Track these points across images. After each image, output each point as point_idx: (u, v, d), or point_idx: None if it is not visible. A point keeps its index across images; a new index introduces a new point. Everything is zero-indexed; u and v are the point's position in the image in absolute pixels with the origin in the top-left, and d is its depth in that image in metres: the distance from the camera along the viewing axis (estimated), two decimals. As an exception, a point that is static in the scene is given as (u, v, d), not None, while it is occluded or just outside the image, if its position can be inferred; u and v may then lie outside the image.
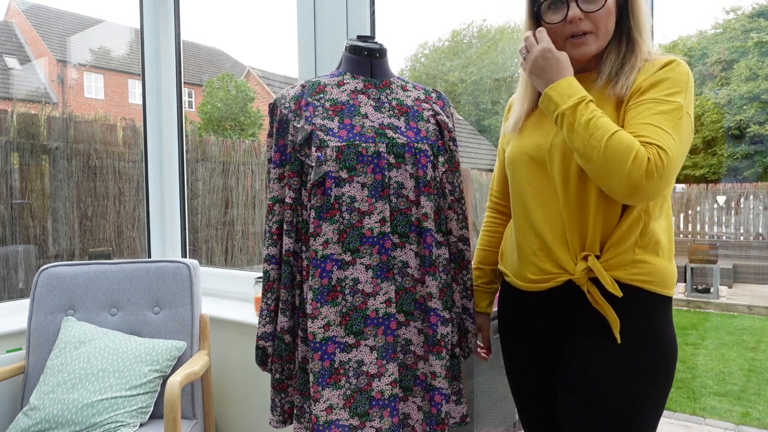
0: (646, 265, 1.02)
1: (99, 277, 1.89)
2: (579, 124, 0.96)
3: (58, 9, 11.29)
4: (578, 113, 0.97)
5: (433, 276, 1.19)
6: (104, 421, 1.59)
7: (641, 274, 1.02)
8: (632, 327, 1.02)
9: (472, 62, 9.26)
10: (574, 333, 1.08)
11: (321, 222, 1.14)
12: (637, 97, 1.00)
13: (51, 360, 1.72)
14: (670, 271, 1.05)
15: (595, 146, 0.94)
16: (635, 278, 1.02)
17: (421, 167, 1.19)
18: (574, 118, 0.97)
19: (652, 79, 0.99)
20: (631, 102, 1.01)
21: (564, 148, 1.04)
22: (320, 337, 1.14)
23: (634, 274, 1.02)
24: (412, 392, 1.22)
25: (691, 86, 1.00)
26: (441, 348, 1.19)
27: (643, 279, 1.02)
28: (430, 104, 1.29)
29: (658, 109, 0.96)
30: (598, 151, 0.94)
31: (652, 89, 0.99)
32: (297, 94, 1.22)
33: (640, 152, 0.91)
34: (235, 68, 12.67)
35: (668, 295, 1.05)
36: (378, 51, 1.27)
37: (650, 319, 1.03)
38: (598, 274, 1.01)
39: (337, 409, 1.14)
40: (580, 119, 0.96)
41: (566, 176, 1.05)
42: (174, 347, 1.78)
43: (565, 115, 0.98)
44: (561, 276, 1.07)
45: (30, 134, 2.73)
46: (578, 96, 0.98)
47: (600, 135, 0.94)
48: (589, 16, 1.03)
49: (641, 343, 1.02)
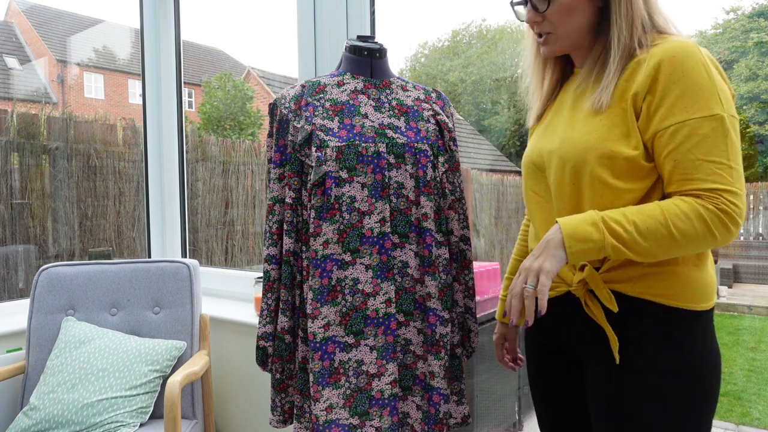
0: (662, 275, 0.91)
1: (99, 277, 1.89)
2: (629, 247, 0.85)
3: (58, 9, 11.30)
4: (618, 238, 0.85)
5: (432, 276, 1.19)
6: (104, 421, 1.59)
7: (653, 287, 0.91)
8: (650, 347, 0.91)
9: (472, 62, 9.27)
10: (587, 350, 1.00)
11: (321, 222, 1.14)
12: (659, 121, 0.87)
13: (51, 360, 1.72)
14: (698, 281, 0.92)
15: (669, 246, 0.84)
16: (645, 291, 0.92)
17: (421, 167, 1.19)
18: (621, 246, 0.85)
19: (661, 91, 0.87)
20: (653, 127, 0.88)
21: (560, 154, 0.97)
22: (320, 337, 1.14)
23: (644, 287, 0.92)
24: (411, 391, 1.22)
25: (710, 72, 0.86)
26: (440, 348, 1.19)
27: (656, 292, 0.91)
28: (430, 104, 1.29)
29: (699, 134, 0.84)
30: (675, 245, 0.84)
31: (670, 107, 0.86)
32: (297, 94, 1.22)
33: (709, 216, 0.82)
34: (235, 68, 12.67)
35: (696, 309, 0.91)
36: (378, 51, 1.27)
37: (672, 337, 0.91)
38: (594, 286, 0.93)
39: (337, 409, 1.14)
40: (625, 241, 0.85)
41: (560, 183, 0.98)
42: (174, 347, 1.78)
43: (615, 249, 0.86)
44: (560, 286, 1.02)
45: (30, 134, 2.73)
46: (595, 236, 0.86)
47: (660, 233, 0.84)
48: (545, 16, 0.98)
49: (662, 364, 0.90)
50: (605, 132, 0.91)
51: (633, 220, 0.85)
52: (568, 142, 0.96)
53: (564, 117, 1.02)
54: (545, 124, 1.08)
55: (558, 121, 1.04)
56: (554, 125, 1.04)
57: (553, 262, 0.87)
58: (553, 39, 1.00)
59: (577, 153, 0.94)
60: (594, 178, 0.92)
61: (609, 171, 0.90)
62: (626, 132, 0.90)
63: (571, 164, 0.95)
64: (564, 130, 0.99)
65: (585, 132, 0.94)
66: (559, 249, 0.88)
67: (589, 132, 0.93)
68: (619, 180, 0.91)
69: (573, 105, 1.01)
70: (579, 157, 0.93)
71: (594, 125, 0.93)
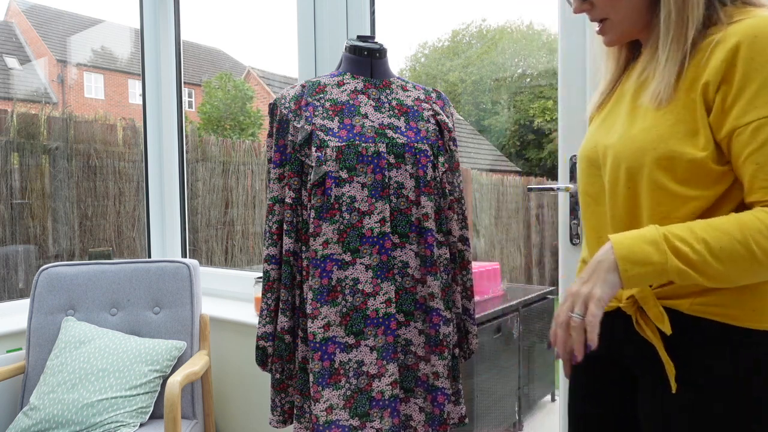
0: (729, 291, 0.77)
1: (99, 277, 1.89)
2: (699, 270, 0.72)
3: (58, 9, 11.30)
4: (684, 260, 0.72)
5: (434, 276, 1.19)
6: (104, 421, 1.59)
7: (716, 304, 0.77)
8: (712, 371, 0.78)
9: (472, 62, 9.26)
10: (642, 369, 0.87)
11: (321, 222, 1.14)
12: (737, 117, 0.73)
13: (51, 360, 1.72)
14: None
15: (749, 269, 0.71)
16: (707, 310, 0.78)
17: (421, 167, 1.19)
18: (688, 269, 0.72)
19: (739, 80, 0.73)
20: (730, 123, 0.74)
21: (615, 152, 0.84)
22: (320, 337, 1.14)
23: (703, 304, 0.78)
24: (413, 393, 1.22)
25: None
26: (443, 348, 1.19)
27: (718, 311, 0.77)
28: (430, 104, 1.29)
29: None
30: (758, 267, 0.71)
31: (750, 100, 0.72)
32: (297, 94, 1.22)
33: None
34: (235, 68, 12.67)
35: None
36: (378, 51, 1.27)
37: (739, 367, 0.77)
38: (644, 303, 0.81)
39: (337, 410, 1.14)
40: (694, 263, 0.72)
41: (614, 185, 0.85)
42: (174, 347, 1.78)
43: (680, 273, 0.73)
44: (611, 301, 0.88)
45: (30, 134, 2.73)
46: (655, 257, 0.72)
47: (738, 254, 0.71)
48: (592, 2, 0.86)
49: (722, 400, 0.77)
50: (667, 129, 0.78)
51: (703, 238, 0.72)
52: (625, 138, 0.83)
53: (625, 107, 0.89)
54: (605, 113, 0.95)
55: (618, 111, 0.91)
56: (614, 116, 0.91)
57: (604, 288, 0.75)
58: (609, 26, 0.88)
59: (633, 152, 0.81)
60: (652, 183, 0.79)
61: (670, 175, 0.78)
62: (694, 129, 0.77)
63: (626, 165, 0.82)
64: (623, 124, 0.86)
65: (644, 128, 0.81)
66: (611, 273, 0.75)
67: (649, 128, 0.80)
68: (681, 185, 0.78)
69: (635, 94, 0.87)
70: (635, 158, 0.81)
71: (655, 120, 0.80)
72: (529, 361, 2.73)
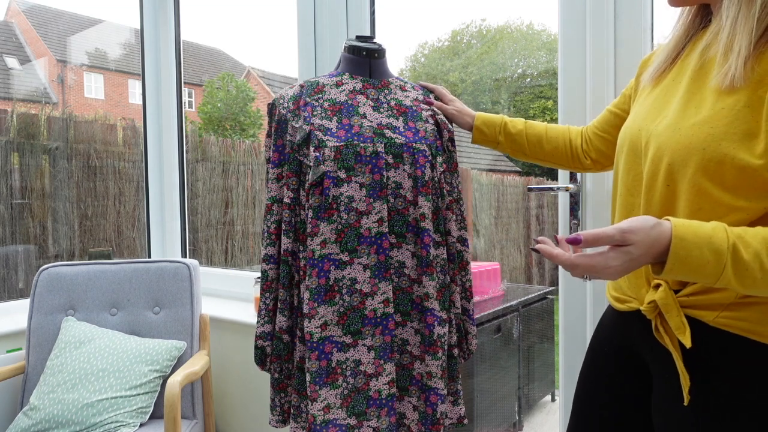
0: (759, 307, 0.71)
1: (99, 277, 1.89)
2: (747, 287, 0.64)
3: (58, 9, 11.29)
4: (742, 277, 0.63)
5: (430, 276, 1.19)
6: (104, 421, 1.60)
7: (744, 319, 0.70)
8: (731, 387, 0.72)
9: (472, 62, 9.25)
10: (658, 371, 0.81)
11: (319, 222, 1.14)
12: None
13: (51, 360, 1.72)
14: None
15: None
16: (734, 324, 0.71)
17: (420, 167, 1.19)
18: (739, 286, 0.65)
19: None
20: None
21: (659, 143, 0.74)
22: (317, 337, 1.14)
23: (731, 318, 0.71)
24: (408, 392, 1.22)
25: None
26: (437, 348, 1.19)
27: (745, 327, 0.71)
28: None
29: None
30: None
31: None
32: (295, 94, 1.22)
33: None
34: (235, 68, 12.67)
35: None
36: (377, 51, 1.27)
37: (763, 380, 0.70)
38: (666, 310, 0.73)
39: (334, 409, 1.14)
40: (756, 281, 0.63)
41: (653, 178, 0.76)
42: (174, 347, 1.79)
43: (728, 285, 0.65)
44: (632, 302, 0.85)
45: (30, 134, 2.73)
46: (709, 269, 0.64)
47: None
48: None
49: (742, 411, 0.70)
50: (723, 127, 0.68)
51: None
52: (673, 129, 0.73)
53: (682, 87, 0.77)
54: (660, 88, 0.83)
55: (674, 90, 0.79)
56: (668, 95, 0.79)
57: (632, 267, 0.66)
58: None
59: (679, 149, 0.71)
60: (694, 186, 0.70)
61: (717, 180, 0.69)
62: (754, 131, 0.66)
63: (668, 160, 0.72)
64: (675, 110, 0.75)
65: (697, 122, 0.71)
66: (653, 260, 0.66)
67: (702, 123, 0.70)
68: (728, 193, 0.69)
69: (696, 73, 0.76)
70: (680, 155, 0.71)
71: (712, 113, 0.70)
72: (529, 361, 2.74)
